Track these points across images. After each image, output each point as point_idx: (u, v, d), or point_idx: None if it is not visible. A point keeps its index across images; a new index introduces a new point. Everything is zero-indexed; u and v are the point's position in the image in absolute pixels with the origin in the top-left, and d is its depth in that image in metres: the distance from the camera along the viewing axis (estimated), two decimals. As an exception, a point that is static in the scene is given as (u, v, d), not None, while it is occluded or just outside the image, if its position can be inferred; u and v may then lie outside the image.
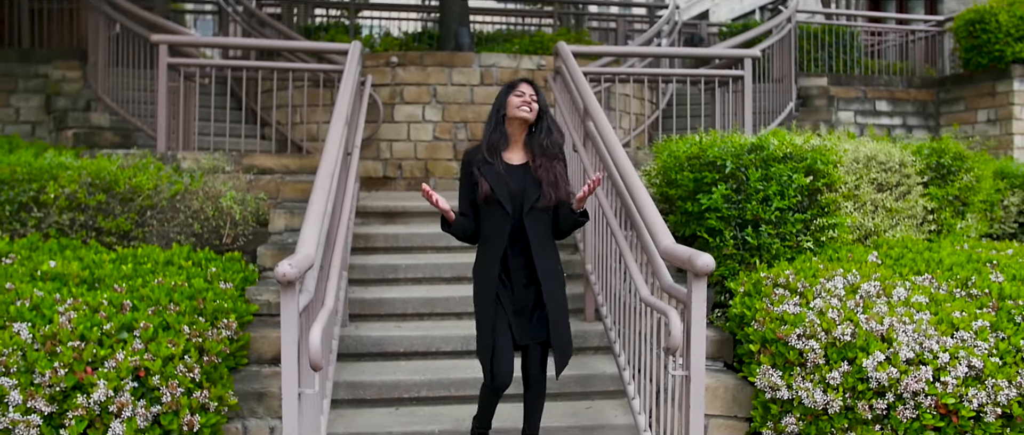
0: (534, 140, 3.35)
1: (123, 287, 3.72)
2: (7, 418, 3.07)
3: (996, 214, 7.36)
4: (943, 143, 5.45)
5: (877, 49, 11.99)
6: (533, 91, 3.37)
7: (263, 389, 3.86)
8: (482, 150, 3.36)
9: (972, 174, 5.46)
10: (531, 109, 3.33)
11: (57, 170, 4.69)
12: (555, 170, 3.32)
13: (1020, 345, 3.63)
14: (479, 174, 3.30)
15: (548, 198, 3.29)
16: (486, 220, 3.34)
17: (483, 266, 3.34)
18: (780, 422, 3.64)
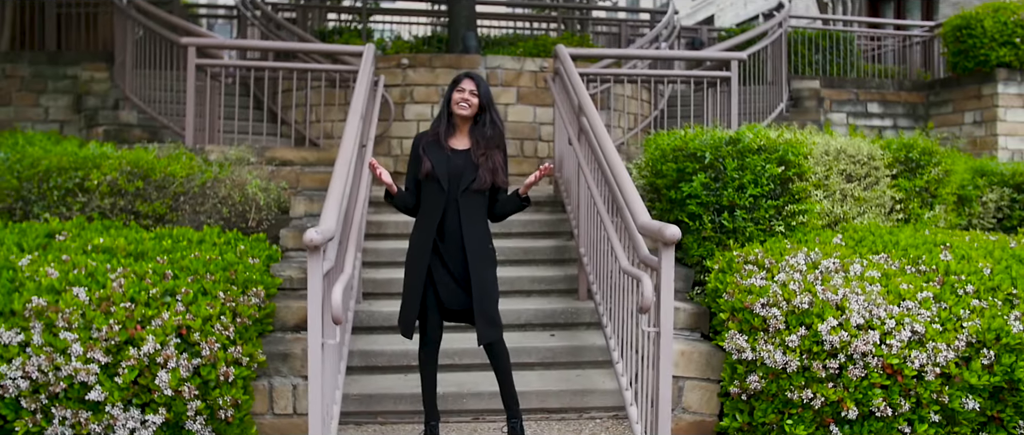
0: (477, 130, 3.86)
1: (164, 259, 4.24)
2: (70, 366, 3.60)
3: (975, 209, 7.82)
4: (913, 139, 5.92)
5: (877, 53, 12.46)
6: (475, 86, 3.86)
7: (287, 351, 4.38)
8: (433, 133, 3.87)
9: (940, 168, 5.93)
10: (469, 105, 3.83)
11: (99, 159, 5.23)
12: (494, 158, 3.82)
13: (960, 314, 4.11)
14: (424, 154, 3.80)
15: (483, 182, 3.78)
16: (425, 195, 3.84)
17: (417, 238, 3.85)
18: (745, 380, 4.12)
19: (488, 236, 3.95)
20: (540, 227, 6.23)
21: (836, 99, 10.52)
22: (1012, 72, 9.70)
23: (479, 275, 3.82)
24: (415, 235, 3.92)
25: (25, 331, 3.68)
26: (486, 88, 3.96)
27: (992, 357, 4.01)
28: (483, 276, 3.84)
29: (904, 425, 4.01)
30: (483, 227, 3.91)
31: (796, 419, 4.02)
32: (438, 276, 3.84)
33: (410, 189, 3.94)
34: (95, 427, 3.63)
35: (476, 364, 4.80)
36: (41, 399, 3.62)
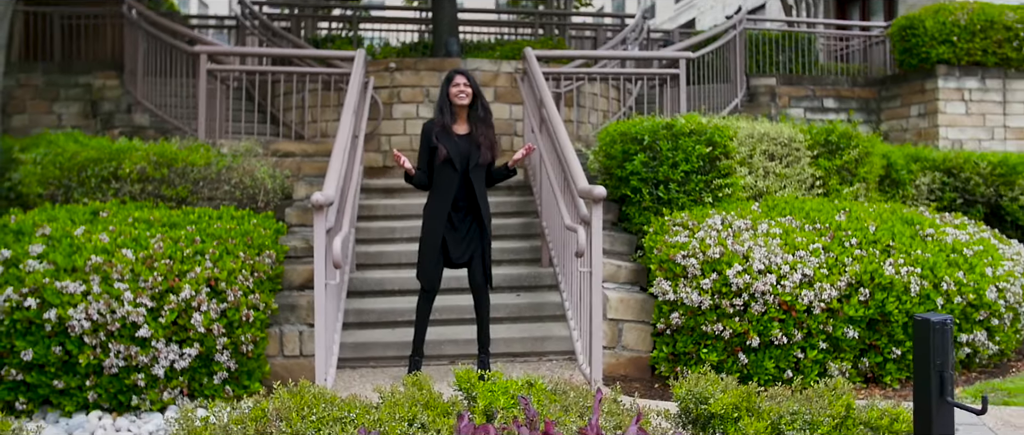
0: (474, 114, 4.92)
1: (193, 228, 5.28)
2: (123, 309, 4.63)
3: (908, 192, 8.91)
4: (833, 124, 6.98)
5: (844, 52, 13.54)
6: (466, 79, 4.93)
7: (294, 304, 5.43)
8: (440, 123, 4.91)
9: (858, 150, 6.98)
10: (466, 95, 4.89)
11: (129, 151, 6.27)
12: (490, 135, 4.90)
13: (844, 261, 5.18)
14: (437, 141, 4.86)
15: (485, 157, 4.86)
16: (439, 174, 4.89)
17: (434, 209, 4.89)
18: (669, 318, 5.17)
19: (488, 202, 5.02)
20: (511, 208, 7.28)
21: (794, 95, 11.62)
22: (951, 68, 10.80)
23: (487, 234, 4.93)
24: (432, 206, 4.95)
25: (86, 283, 4.71)
26: (474, 80, 5.03)
27: (867, 295, 5.08)
28: (488, 234, 4.96)
29: (798, 351, 5.07)
30: (486, 194, 4.99)
31: (710, 348, 5.08)
32: (449, 237, 4.89)
33: (422, 169, 4.99)
34: (143, 359, 4.67)
35: (453, 319, 5.83)
36: (100, 336, 4.65)
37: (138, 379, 4.65)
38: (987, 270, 5.47)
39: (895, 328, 5.15)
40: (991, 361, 5.76)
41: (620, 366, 5.45)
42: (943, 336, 1.92)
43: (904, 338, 5.19)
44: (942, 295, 5.21)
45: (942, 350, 1.90)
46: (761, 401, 3.04)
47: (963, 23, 10.70)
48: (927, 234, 5.67)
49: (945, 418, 1.93)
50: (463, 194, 4.88)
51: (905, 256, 5.29)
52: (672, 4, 25.07)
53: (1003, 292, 5.48)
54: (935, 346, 1.90)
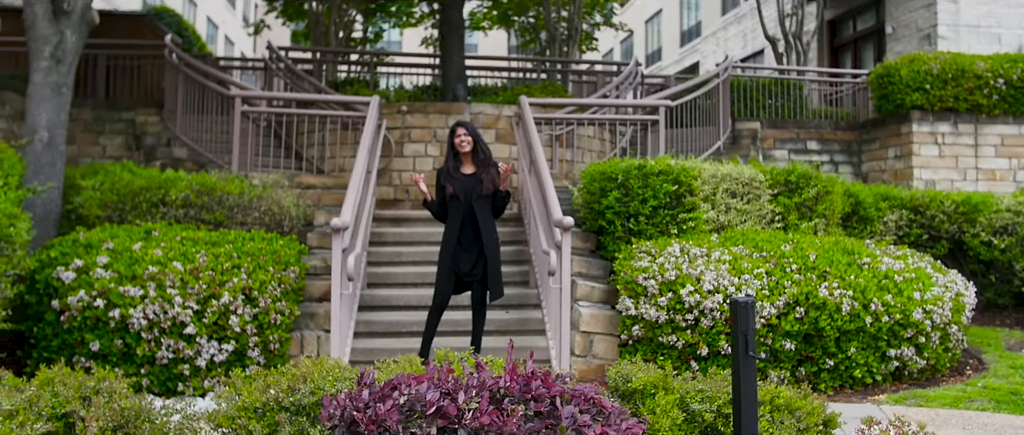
0: (476, 158, 5.93)
1: (231, 246, 6.32)
2: (173, 310, 5.65)
3: (876, 228, 9.83)
4: (793, 166, 7.94)
5: (836, 96, 14.55)
6: (466, 130, 5.94)
7: (313, 313, 6.43)
8: (446, 168, 5.94)
9: (816, 189, 7.93)
10: (467, 143, 5.90)
11: (175, 181, 7.34)
12: (490, 173, 5.89)
13: (784, 283, 6.12)
14: (447, 181, 5.88)
15: (487, 189, 5.85)
16: (450, 208, 5.89)
17: (447, 235, 5.88)
18: (631, 330, 6.12)
19: (495, 227, 5.98)
20: (506, 237, 8.26)
21: (780, 138, 12.60)
22: (924, 113, 11.76)
23: (493, 255, 5.85)
24: (446, 232, 5.93)
25: (144, 288, 5.74)
26: (474, 129, 6.06)
27: (803, 313, 6.01)
28: (495, 255, 5.88)
29: (742, 360, 5.98)
30: (491, 221, 5.95)
31: (665, 356, 6.01)
32: (459, 257, 5.86)
33: (439, 203, 5.99)
34: (189, 352, 5.68)
35: (452, 332, 6.78)
36: (154, 332, 5.67)
37: (184, 369, 5.66)
38: (916, 294, 6.37)
39: (828, 342, 6.06)
40: (923, 375, 6.63)
41: (591, 372, 6.38)
42: (747, 311, 2.85)
43: (837, 351, 6.10)
44: (871, 314, 6.13)
45: (746, 320, 2.83)
46: (674, 382, 3.98)
47: (936, 72, 11.68)
48: (864, 262, 6.59)
49: (749, 367, 2.86)
50: (470, 222, 5.86)
51: (839, 280, 6.21)
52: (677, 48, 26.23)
53: (930, 313, 6.38)
54: (741, 318, 2.83)
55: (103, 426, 3.02)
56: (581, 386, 2.51)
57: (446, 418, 2.25)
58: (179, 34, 16.64)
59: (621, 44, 32.17)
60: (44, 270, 5.90)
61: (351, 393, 2.49)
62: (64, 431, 3.05)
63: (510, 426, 2.15)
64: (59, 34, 7.54)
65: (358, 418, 2.36)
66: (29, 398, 3.04)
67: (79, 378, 3.32)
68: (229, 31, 34.02)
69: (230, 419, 3.38)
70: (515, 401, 2.30)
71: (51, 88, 7.63)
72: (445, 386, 2.37)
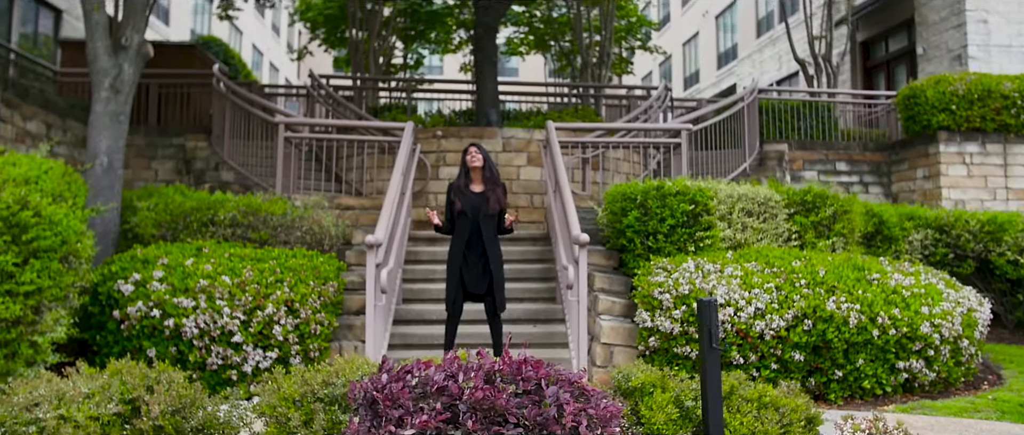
0: (485, 176, 6.41)
1: (275, 262, 6.88)
2: (223, 321, 6.22)
3: (901, 247, 10.07)
4: (809, 187, 8.28)
5: (868, 118, 14.79)
6: (477, 149, 6.43)
7: (351, 324, 6.95)
8: (458, 184, 6.42)
9: (833, 208, 8.25)
10: (478, 160, 6.38)
11: (223, 202, 7.96)
12: (497, 192, 6.36)
13: (794, 297, 6.47)
14: (456, 198, 6.36)
15: (493, 208, 6.31)
16: (458, 223, 6.37)
17: (454, 249, 6.35)
18: (648, 342, 6.52)
19: (498, 243, 6.46)
20: (534, 256, 8.74)
21: (809, 159, 12.89)
22: (951, 134, 11.96)
23: (497, 269, 6.33)
24: (452, 247, 6.42)
25: (195, 300, 6.32)
26: (484, 150, 6.56)
27: (810, 325, 6.35)
28: (499, 271, 6.36)
29: (753, 371, 6.34)
30: (495, 238, 6.43)
31: (680, 367, 6.39)
32: (466, 272, 6.34)
33: (449, 219, 6.49)
34: (236, 359, 6.23)
35: (468, 344, 7.25)
36: (205, 340, 6.23)
37: (232, 374, 6.21)
38: (924, 309, 6.66)
39: (837, 354, 6.39)
40: (935, 387, 6.90)
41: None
42: (710, 309, 3.26)
43: (845, 362, 6.42)
44: (878, 327, 6.44)
45: (710, 317, 3.24)
46: (670, 381, 4.39)
47: (961, 92, 11.89)
48: (873, 278, 6.90)
49: (713, 359, 3.27)
50: (476, 237, 6.33)
51: (847, 295, 6.54)
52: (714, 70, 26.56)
53: (938, 327, 6.66)
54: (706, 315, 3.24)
55: (164, 409, 3.54)
56: (566, 371, 2.96)
57: (449, 395, 2.71)
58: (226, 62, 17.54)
59: (660, 67, 32.60)
60: (106, 283, 6.52)
61: (373, 377, 2.96)
62: (130, 413, 3.58)
63: (500, 400, 2.60)
64: (118, 67, 8.24)
65: (377, 397, 2.83)
66: (103, 384, 3.57)
67: (144, 370, 3.86)
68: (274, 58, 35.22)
69: (272, 408, 3.88)
70: (507, 381, 2.76)
71: (110, 117, 8.33)
72: (450, 370, 2.83)
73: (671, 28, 31.68)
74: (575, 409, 2.67)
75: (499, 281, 6.32)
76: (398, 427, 2.70)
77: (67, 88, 14.33)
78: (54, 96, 12.35)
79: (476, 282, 6.31)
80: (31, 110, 10.58)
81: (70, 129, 11.70)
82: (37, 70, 14.68)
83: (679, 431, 4.10)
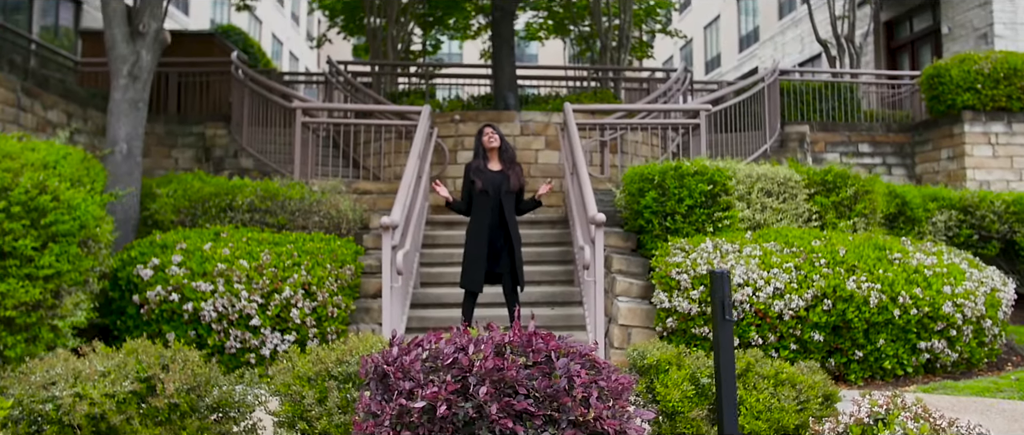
0: (503, 156, 6.40)
1: (292, 246, 6.91)
2: (240, 304, 6.26)
3: (924, 229, 9.94)
4: (830, 167, 8.18)
5: (895, 98, 14.58)
6: (493, 130, 6.43)
7: (368, 307, 6.98)
8: (475, 165, 6.42)
9: (854, 188, 8.14)
10: (495, 140, 6.38)
11: (241, 187, 8.01)
12: (516, 170, 6.35)
13: (813, 277, 6.40)
14: (475, 177, 6.35)
15: (514, 186, 6.31)
16: (477, 202, 6.36)
17: (474, 228, 6.33)
18: (665, 323, 6.49)
19: (517, 222, 6.45)
20: (552, 239, 8.72)
21: (830, 141, 12.74)
22: (976, 114, 11.77)
23: (516, 248, 6.32)
24: (472, 227, 6.42)
25: (213, 284, 6.36)
26: (499, 130, 6.54)
27: (830, 305, 6.28)
28: (518, 249, 6.35)
29: (772, 351, 6.29)
30: (515, 216, 6.42)
31: (698, 347, 6.35)
32: (488, 249, 6.33)
33: (465, 199, 6.49)
34: (254, 342, 6.27)
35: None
36: (223, 324, 6.28)
37: (250, 357, 6.26)
38: (946, 288, 6.57)
39: (857, 334, 6.32)
40: (957, 368, 6.81)
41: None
42: (722, 280, 3.23)
43: (865, 342, 6.35)
44: (899, 307, 6.36)
45: (722, 288, 3.20)
46: (686, 359, 4.36)
47: (987, 71, 11.68)
48: (894, 258, 6.82)
49: (726, 331, 3.24)
50: (497, 215, 6.32)
51: (868, 274, 6.46)
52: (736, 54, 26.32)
53: (961, 307, 6.57)
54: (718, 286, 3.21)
55: (179, 387, 3.57)
56: (578, 343, 2.94)
57: (460, 367, 2.70)
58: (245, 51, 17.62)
59: (681, 51, 32.36)
60: (125, 268, 6.58)
61: (384, 351, 2.97)
62: (146, 391, 3.61)
63: (510, 371, 2.59)
64: (135, 54, 8.29)
65: (388, 370, 2.83)
66: (119, 363, 3.61)
67: (159, 349, 3.89)
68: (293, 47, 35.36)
69: (286, 386, 3.90)
70: (517, 353, 2.75)
71: (129, 104, 8.39)
72: (460, 343, 2.82)
73: (692, 11, 31.41)
74: (586, 380, 2.66)
75: (519, 258, 6.30)
76: (409, 400, 2.70)
77: (88, 78, 14.46)
78: (75, 86, 12.47)
79: (496, 260, 6.31)
80: (51, 99, 10.69)
81: (90, 118, 11.81)
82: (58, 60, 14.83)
83: (695, 408, 4.08)
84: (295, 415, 3.81)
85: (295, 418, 3.81)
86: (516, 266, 6.31)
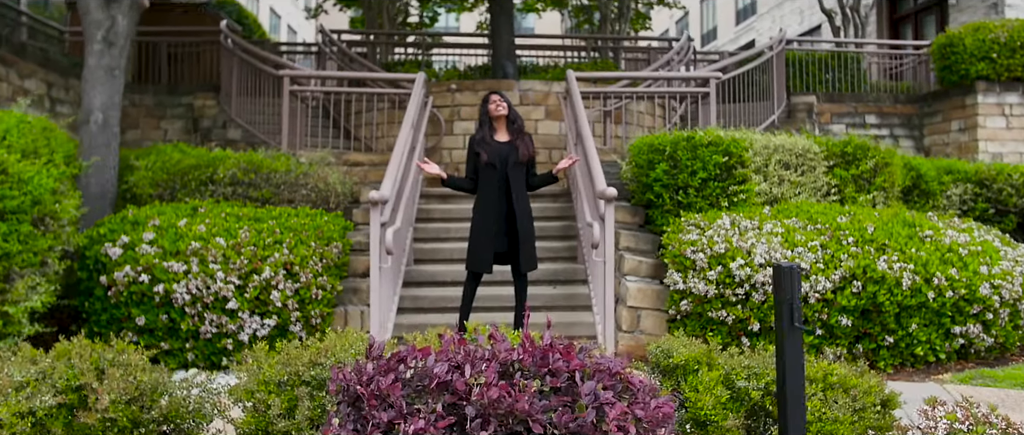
0: (512, 126, 5.64)
1: (274, 222, 6.16)
2: (216, 285, 5.52)
3: (939, 202, 9.22)
4: (849, 138, 7.43)
5: (897, 70, 13.76)
6: (500, 98, 5.66)
7: (357, 288, 6.24)
8: (480, 136, 5.65)
9: (874, 161, 7.40)
10: (503, 108, 5.61)
11: (223, 159, 7.23)
12: (525, 141, 5.60)
13: (840, 256, 5.67)
14: (480, 149, 5.60)
15: (523, 156, 5.55)
16: (484, 175, 5.60)
17: (482, 204, 5.58)
18: (679, 305, 5.76)
19: (527, 198, 5.71)
20: (553, 213, 7.96)
21: (836, 112, 11.96)
22: (990, 84, 10.98)
23: (525, 225, 5.57)
24: (479, 203, 5.63)
25: (187, 264, 5.62)
26: (507, 97, 5.77)
27: (860, 287, 5.56)
28: (527, 226, 5.59)
29: (796, 337, 5.58)
30: (524, 192, 5.67)
31: (715, 332, 5.64)
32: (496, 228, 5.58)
33: (469, 176, 5.71)
34: (231, 327, 5.54)
35: (494, 307, 6.53)
36: (197, 307, 5.54)
37: (227, 343, 5.53)
38: (982, 268, 5.86)
39: (888, 318, 5.61)
40: (991, 353, 6.12)
41: (639, 347, 6.04)
42: (792, 277, 2.50)
43: (896, 327, 5.64)
44: (933, 289, 5.65)
45: (790, 288, 2.48)
46: (718, 357, 3.64)
47: (1003, 40, 10.89)
48: (926, 235, 6.09)
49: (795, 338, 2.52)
50: (505, 191, 5.56)
51: (899, 254, 5.74)
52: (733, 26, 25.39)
53: (998, 288, 5.86)
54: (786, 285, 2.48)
55: (116, 399, 2.84)
56: (606, 359, 2.21)
57: (453, 393, 1.97)
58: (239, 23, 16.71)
59: (676, 24, 31.36)
60: (93, 246, 5.83)
61: (358, 365, 2.23)
62: (78, 403, 2.89)
63: (521, 403, 1.86)
64: (111, 19, 7.47)
65: (361, 393, 2.10)
66: (43, 370, 2.87)
67: (100, 349, 3.15)
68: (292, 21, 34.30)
69: (250, 393, 3.17)
70: (529, 375, 2.02)
71: (104, 71, 7.57)
72: (455, 359, 2.09)
73: (688, -16, 30.39)
74: (620, 413, 1.93)
75: (528, 238, 5.56)
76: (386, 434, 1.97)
77: (76, 48, 13.59)
78: (58, 55, 11.62)
79: (503, 240, 5.56)
80: (29, 68, 9.86)
81: (73, 88, 10.98)
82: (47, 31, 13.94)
83: (730, 415, 3.36)
84: (259, 428, 3.08)
85: (259, 432, 3.08)
86: (521, 246, 5.57)
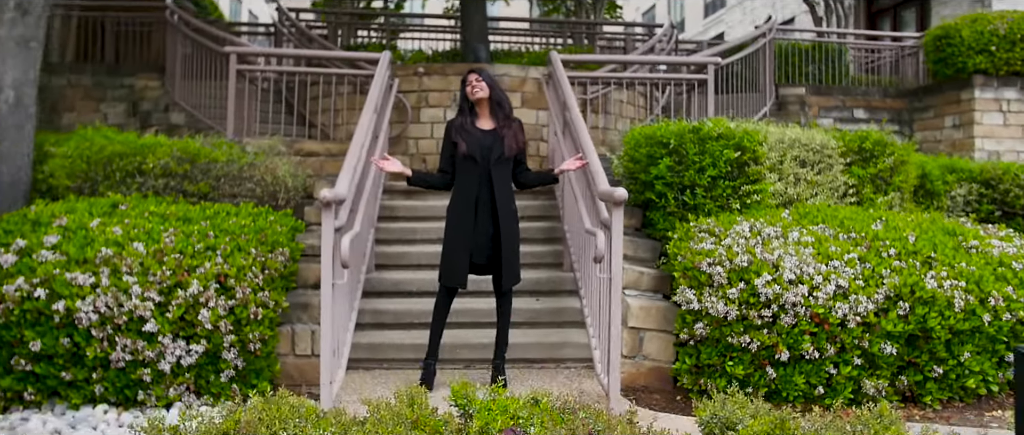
0: (495, 112, 4.52)
1: (207, 223, 4.95)
2: (131, 303, 4.30)
3: (943, 203, 8.31)
4: (867, 132, 6.45)
5: (875, 64, 12.90)
6: (478, 75, 4.55)
7: (307, 302, 5.06)
8: (458, 122, 4.54)
9: (894, 158, 6.44)
10: (482, 89, 4.50)
11: (154, 147, 5.98)
12: (513, 129, 4.49)
13: (882, 272, 4.66)
14: (458, 138, 4.47)
15: (510, 150, 4.45)
16: (461, 171, 4.49)
17: (459, 205, 4.48)
18: (693, 328, 4.70)
19: (513, 199, 4.60)
20: (535, 212, 6.85)
21: (824, 105, 11.04)
22: (988, 78, 10.14)
23: (509, 232, 4.47)
24: (455, 204, 4.53)
25: (95, 275, 4.40)
26: (488, 74, 4.64)
27: (907, 309, 4.56)
28: (512, 233, 4.50)
29: (830, 367, 4.57)
30: (510, 192, 4.57)
31: (736, 361, 4.59)
32: (473, 236, 4.47)
33: (445, 170, 4.59)
34: (149, 354, 4.33)
35: (469, 323, 5.42)
36: (107, 330, 4.33)
37: (144, 374, 4.31)
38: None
39: (937, 345, 4.61)
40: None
41: (640, 376, 4.99)
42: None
43: (947, 356, 4.65)
44: (989, 311, 4.67)
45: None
46: (796, 428, 2.58)
47: (1002, 32, 10.05)
48: (971, 246, 5.13)
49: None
50: (487, 190, 4.47)
51: (948, 269, 4.75)
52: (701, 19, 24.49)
53: (1053, 309, 4.91)
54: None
55: None
56: None
57: None
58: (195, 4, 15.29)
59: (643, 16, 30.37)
60: (-20, 251, 4.57)
61: None
62: None
63: None
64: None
65: None
66: None
67: None
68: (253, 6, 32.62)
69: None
70: None
71: (16, 42, 6.25)
72: None
73: (655, -24, 29.44)
74: None
75: (511, 247, 4.47)
76: None
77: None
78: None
79: (482, 248, 4.46)
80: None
81: None
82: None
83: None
84: None
85: None
86: (503, 257, 4.47)
